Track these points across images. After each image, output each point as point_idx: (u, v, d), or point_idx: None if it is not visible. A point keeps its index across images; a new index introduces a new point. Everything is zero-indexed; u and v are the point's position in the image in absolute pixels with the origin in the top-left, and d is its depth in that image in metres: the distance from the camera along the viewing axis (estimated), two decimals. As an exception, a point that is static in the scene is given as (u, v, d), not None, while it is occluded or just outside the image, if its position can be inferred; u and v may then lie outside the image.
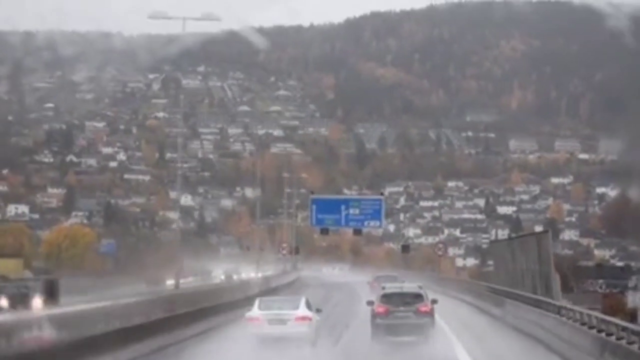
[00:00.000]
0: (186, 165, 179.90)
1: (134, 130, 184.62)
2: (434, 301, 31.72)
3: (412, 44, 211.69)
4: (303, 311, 29.41)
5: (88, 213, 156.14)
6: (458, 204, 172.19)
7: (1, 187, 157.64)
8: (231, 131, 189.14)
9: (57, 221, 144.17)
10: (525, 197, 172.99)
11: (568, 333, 26.87)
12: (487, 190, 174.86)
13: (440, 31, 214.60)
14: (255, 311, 29.56)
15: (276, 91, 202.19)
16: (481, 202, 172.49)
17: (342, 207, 47.95)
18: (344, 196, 76.63)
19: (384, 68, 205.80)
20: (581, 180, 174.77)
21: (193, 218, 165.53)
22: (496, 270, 56.22)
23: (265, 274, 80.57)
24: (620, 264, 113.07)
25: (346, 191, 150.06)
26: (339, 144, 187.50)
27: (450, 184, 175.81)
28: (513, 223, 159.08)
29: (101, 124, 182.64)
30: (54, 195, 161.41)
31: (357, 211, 47.94)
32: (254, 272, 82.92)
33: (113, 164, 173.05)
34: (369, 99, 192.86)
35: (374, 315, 30.71)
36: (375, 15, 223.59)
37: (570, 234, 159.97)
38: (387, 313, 30.32)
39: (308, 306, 30.02)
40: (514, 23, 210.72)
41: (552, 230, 61.24)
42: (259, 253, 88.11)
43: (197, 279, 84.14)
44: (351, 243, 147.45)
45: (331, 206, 48.40)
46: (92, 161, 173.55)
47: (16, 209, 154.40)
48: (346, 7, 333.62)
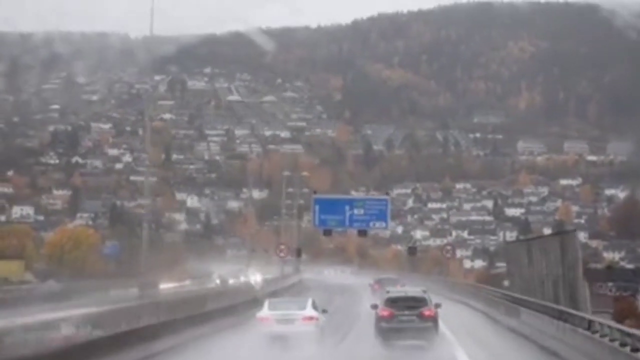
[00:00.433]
0: (192, 166, 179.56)
1: (140, 131, 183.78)
2: (438, 305, 31.94)
3: (420, 46, 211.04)
4: (310, 312, 31.51)
5: (93, 215, 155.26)
6: (466, 206, 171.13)
7: (6, 189, 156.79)
8: (238, 132, 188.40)
9: (62, 223, 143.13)
10: (533, 199, 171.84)
11: (601, 354, 23.29)
12: (495, 191, 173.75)
13: (447, 32, 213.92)
14: (265, 311, 31.79)
15: (283, 92, 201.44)
16: (489, 204, 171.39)
17: (346, 208, 46.59)
18: (348, 196, 74.82)
19: (392, 69, 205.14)
20: (590, 181, 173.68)
21: (199, 220, 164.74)
22: (509, 274, 53.12)
23: (266, 277, 79.56)
24: (630, 266, 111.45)
25: (353, 192, 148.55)
26: (346, 146, 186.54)
27: (458, 186, 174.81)
28: (521, 225, 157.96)
29: (107, 126, 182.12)
30: (59, 196, 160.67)
31: (362, 211, 46.55)
32: (253, 275, 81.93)
33: (119, 166, 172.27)
34: (377, 100, 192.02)
35: (378, 318, 31.13)
36: (382, 16, 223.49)
37: (579, 236, 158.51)
38: (391, 317, 30.74)
39: (314, 307, 32.04)
40: (522, 24, 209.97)
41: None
42: (265, 255, 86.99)
43: (194, 283, 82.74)
44: (357, 245, 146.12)
45: (334, 206, 46.99)
46: (98, 162, 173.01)
47: (21, 211, 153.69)
48: (353, 8, 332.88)
